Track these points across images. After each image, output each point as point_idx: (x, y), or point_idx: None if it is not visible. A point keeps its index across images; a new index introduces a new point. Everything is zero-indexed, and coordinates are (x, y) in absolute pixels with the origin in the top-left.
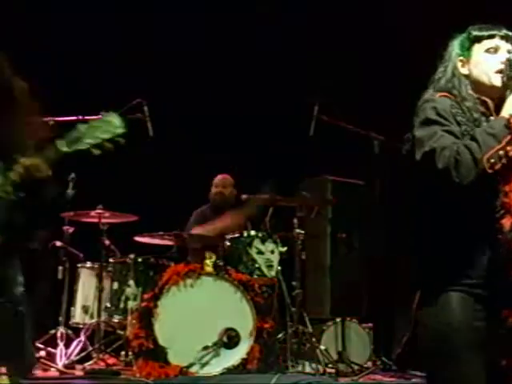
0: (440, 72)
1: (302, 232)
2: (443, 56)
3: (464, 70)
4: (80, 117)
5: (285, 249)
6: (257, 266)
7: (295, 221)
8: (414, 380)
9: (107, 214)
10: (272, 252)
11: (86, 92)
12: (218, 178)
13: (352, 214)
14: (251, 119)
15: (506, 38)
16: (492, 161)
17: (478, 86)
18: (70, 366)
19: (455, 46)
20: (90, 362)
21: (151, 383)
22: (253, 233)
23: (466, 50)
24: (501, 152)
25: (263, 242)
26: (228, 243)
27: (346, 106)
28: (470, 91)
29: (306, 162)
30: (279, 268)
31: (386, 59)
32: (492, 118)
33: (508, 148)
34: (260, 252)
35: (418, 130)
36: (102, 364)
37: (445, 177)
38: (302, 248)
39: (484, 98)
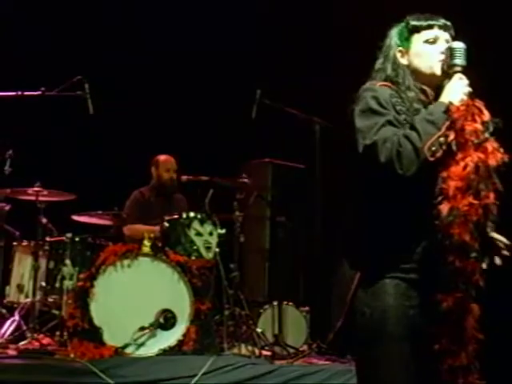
0: (380, 63)
1: (242, 214)
2: (382, 46)
3: (403, 61)
4: (19, 92)
5: (223, 231)
6: (195, 247)
7: (235, 203)
8: (348, 364)
9: (45, 192)
10: (210, 234)
11: (27, 68)
12: (168, 160)
13: (292, 197)
14: (194, 100)
15: (444, 27)
16: (433, 149)
17: (418, 75)
18: (3, 345)
19: (394, 36)
20: (24, 342)
21: (85, 363)
22: (192, 214)
23: (405, 40)
24: (441, 139)
25: (202, 223)
26: (166, 224)
27: (289, 90)
28: (412, 81)
29: (247, 145)
30: (217, 250)
31: (332, 47)
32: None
33: (448, 133)
34: (198, 234)
35: (358, 120)
36: (37, 344)
37: (388, 169)
38: (240, 230)
39: (424, 86)
